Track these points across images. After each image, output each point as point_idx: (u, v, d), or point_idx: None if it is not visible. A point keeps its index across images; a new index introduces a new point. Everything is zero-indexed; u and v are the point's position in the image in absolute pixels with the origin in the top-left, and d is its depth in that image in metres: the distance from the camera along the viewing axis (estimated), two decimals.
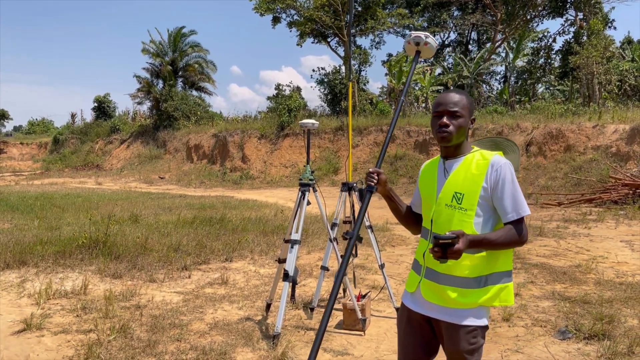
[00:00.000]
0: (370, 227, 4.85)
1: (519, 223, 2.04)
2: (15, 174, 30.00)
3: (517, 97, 30.37)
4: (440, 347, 2.26)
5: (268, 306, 4.79)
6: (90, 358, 3.75)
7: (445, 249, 1.84)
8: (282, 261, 4.45)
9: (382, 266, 4.79)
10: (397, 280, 6.02)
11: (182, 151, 28.67)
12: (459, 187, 2.09)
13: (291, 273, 4.12)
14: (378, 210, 11.02)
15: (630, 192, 11.85)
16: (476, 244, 1.95)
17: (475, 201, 2.05)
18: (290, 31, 32.95)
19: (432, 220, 2.16)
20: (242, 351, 3.93)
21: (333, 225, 4.69)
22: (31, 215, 10.98)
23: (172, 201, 14.76)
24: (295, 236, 4.24)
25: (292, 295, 5.05)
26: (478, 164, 2.09)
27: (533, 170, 15.96)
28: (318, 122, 4.84)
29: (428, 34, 2.41)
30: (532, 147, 16.79)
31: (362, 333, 4.32)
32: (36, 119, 54.80)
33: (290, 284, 4.38)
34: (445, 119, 2.09)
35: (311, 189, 4.45)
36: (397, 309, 4.70)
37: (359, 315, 4.30)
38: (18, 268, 6.41)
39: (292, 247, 4.18)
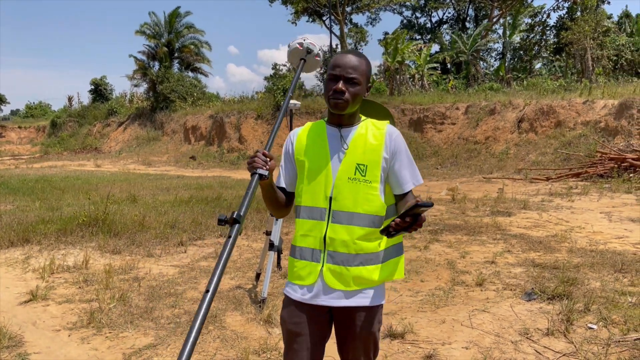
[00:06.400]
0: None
1: (412, 192, 2.02)
2: (14, 158, 30.28)
3: (514, 73, 30.47)
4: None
5: (258, 276, 5.12)
6: (92, 323, 4.10)
7: (417, 218, 1.67)
8: (268, 233, 4.76)
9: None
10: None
11: (179, 133, 28.90)
12: (361, 159, 1.96)
13: (276, 243, 4.44)
14: None
15: (616, 165, 12.16)
16: None
17: (378, 172, 1.96)
18: (287, 8, 32.96)
19: (331, 198, 1.96)
20: (232, 314, 4.27)
21: None
22: (32, 197, 11.29)
23: (169, 182, 15.08)
24: None
25: (278, 264, 5.37)
26: (375, 134, 1.99)
27: (524, 146, 16.24)
28: (300, 103, 5.11)
29: (321, 47, 2.21)
30: (524, 123, 17.04)
31: None
32: (33, 103, 54.90)
33: (276, 253, 4.69)
34: (341, 85, 1.92)
35: None
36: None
37: None
38: (22, 245, 6.74)
39: (276, 220, 4.49)
